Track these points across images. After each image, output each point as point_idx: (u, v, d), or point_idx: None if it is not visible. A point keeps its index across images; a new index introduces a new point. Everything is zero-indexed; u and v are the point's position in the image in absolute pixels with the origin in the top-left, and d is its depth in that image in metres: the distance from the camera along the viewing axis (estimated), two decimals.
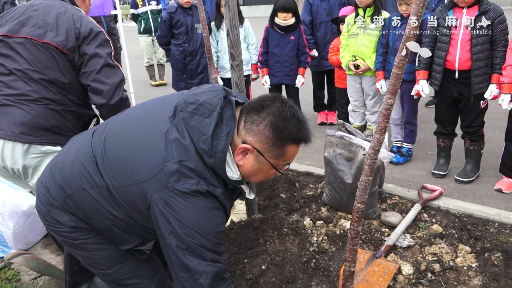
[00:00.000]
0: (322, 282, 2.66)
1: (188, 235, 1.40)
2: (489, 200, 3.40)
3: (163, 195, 1.40)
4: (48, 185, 1.62)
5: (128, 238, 1.66)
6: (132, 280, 1.76)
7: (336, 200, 3.24)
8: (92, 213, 1.57)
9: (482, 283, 2.52)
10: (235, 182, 1.54)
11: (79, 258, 1.75)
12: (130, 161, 1.47)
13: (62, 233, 1.66)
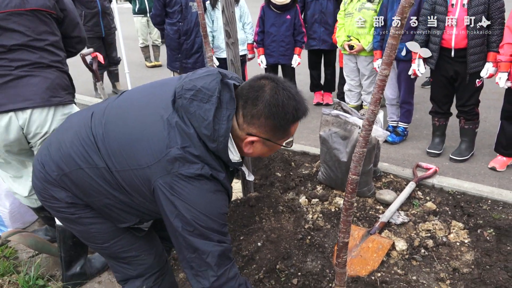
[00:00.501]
0: (317, 258, 2.70)
1: (194, 217, 1.42)
2: (482, 178, 3.43)
3: (168, 180, 1.41)
4: (45, 162, 1.62)
5: (126, 217, 1.67)
6: (130, 253, 1.78)
7: (331, 179, 3.26)
8: (91, 191, 1.58)
9: (474, 258, 2.57)
10: (236, 164, 1.56)
11: (76, 233, 1.76)
12: (132, 145, 1.47)
13: (59, 209, 1.66)
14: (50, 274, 2.83)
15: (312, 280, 2.52)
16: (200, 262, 1.47)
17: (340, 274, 1.30)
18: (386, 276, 2.50)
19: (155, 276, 1.83)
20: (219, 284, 1.48)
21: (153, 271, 1.83)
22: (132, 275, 1.81)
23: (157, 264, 1.85)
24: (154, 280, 1.83)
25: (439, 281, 2.44)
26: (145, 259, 1.81)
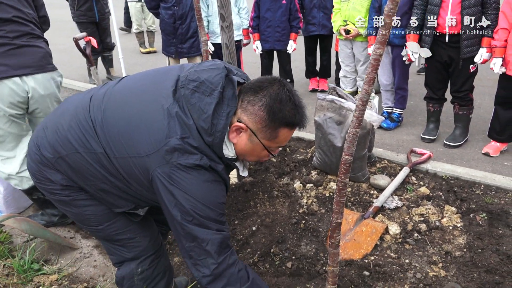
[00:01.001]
0: (311, 242, 2.72)
1: (193, 206, 1.42)
2: (476, 164, 3.46)
3: (166, 169, 1.41)
4: (41, 145, 1.61)
5: (122, 203, 1.67)
6: (124, 235, 1.78)
7: (326, 164, 3.27)
8: (87, 175, 1.57)
9: (466, 242, 2.60)
10: (230, 159, 1.55)
11: (70, 215, 1.75)
12: (131, 133, 1.46)
13: (53, 191, 1.66)
14: (45, 258, 2.83)
15: (306, 263, 2.54)
16: (200, 251, 1.47)
17: (333, 255, 1.30)
18: (379, 259, 2.52)
19: (151, 258, 1.84)
20: (219, 271, 1.49)
21: (148, 254, 1.83)
22: (127, 257, 1.82)
23: (152, 246, 1.85)
24: (149, 263, 1.83)
25: (431, 264, 2.46)
26: (140, 242, 1.81)
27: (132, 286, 1.83)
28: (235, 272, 1.51)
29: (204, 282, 1.50)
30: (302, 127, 1.53)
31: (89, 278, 2.66)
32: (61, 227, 3.21)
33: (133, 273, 1.81)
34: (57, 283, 2.51)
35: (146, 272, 1.82)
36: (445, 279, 2.34)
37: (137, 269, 1.81)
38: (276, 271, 2.54)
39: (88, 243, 3.01)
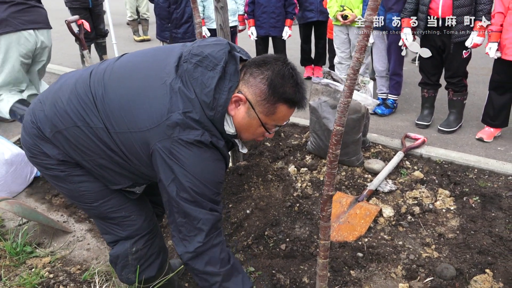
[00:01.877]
0: (305, 225, 2.72)
1: (190, 183, 1.42)
2: (470, 149, 3.46)
3: (167, 144, 1.40)
4: (38, 118, 1.57)
5: (119, 180, 1.65)
6: (119, 213, 1.75)
7: (320, 148, 3.26)
8: (86, 150, 1.54)
9: (459, 224, 2.61)
10: (231, 136, 1.55)
11: (64, 191, 1.72)
12: (133, 107, 1.45)
13: (48, 166, 1.63)
14: (38, 242, 2.82)
15: (300, 245, 2.54)
16: (190, 228, 1.47)
17: (324, 228, 1.30)
18: (373, 241, 2.53)
19: (145, 238, 1.82)
20: (202, 250, 1.49)
21: (143, 233, 1.81)
22: (121, 236, 1.79)
23: (147, 226, 1.83)
24: (144, 242, 1.81)
25: (424, 246, 2.48)
26: (135, 220, 1.78)
27: (126, 265, 1.81)
28: (217, 253, 1.51)
29: (185, 258, 1.50)
30: (301, 107, 1.52)
31: (82, 260, 2.65)
32: (54, 211, 3.19)
33: (127, 252, 1.79)
34: (50, 266, 2.49)
35: (140, 251, 1.80)
36: (438, 260, 2.35)
37: (131, 248, 1.79)
38: (270, 253, 2.54)
39: (81, 227, 3.00)
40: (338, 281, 2.27)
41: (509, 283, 2.14)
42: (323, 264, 1.36)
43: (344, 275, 2.31)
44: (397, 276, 2.29)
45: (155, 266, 1.85)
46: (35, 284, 2.10)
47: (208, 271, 1.50)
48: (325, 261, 1.36)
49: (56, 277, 2.27)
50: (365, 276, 2.30)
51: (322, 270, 1.37)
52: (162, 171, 1.43)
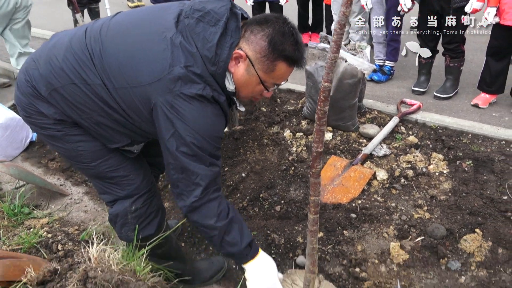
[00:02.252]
0: (300, 188, 2.76)
1: (191, 137, 1.43)
2: (465, 115, 3.48)
3: (169, 98, 1.40)
4: (32, 76, 1.55)
5: (118, 138, 1.65)
6: (118, 173, 1.76)
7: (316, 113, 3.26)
8: (84, 108, 1.53)
9: (451, 187, 2.65)
10: (230, 93, 1.55)
11: (60, 151, 1.72)
12: (132, 62, 1.44)
13: (44, 125, 1.61)
14: (35, 204, 2.85)
15: (294, 207, 2.58)
16: (187, 183, 1.49)
17: (314, 184, 1.32)
18: (366, 203, 2.57)
19: (144, 197, 1.83)
20: (199, 204, 1.52)
21: (142, 192, 1.83)
22: (120, 195, 1.80)
23: (146, 185, 1.84)
24: (143, 201, 1.83)
25: (416, 208, 2.52)
26: (133, 179, 1.79)
27: (126, 223, 1.83)
28: (215, 208, 1.54)
29: (183, 211, 1.55)
30: (300, 66, 1.53)
31: (80, 222, 2.69)
32: (50, 175, 3.21)
33: (126, 211, 1.81)
34: (48, 226, 2.53)
35: (139, 210, 1.82)
36: (429, 221, 2.40)
37: (131, 207, 1.81)
38: (265, 214, 2.58)
39: (78, 190, 3.03)
40: (331, 241, 2.32)
41: (498, 241, 2.20)
42: (314, 219, 1.39)
43: (338, 235, 2.36)
44: (389, 235, 2.34)
45: (154, 225, 1.88)
46: (34, 243, 2.13)
47: (206, 224, 1.55)
48: (316, 217, 1.38)
49: (55, 236, 2.30)
50: (358, 235, 2.35)
51: (313, 225, 1.40)
52: (163, 126, 1.44)
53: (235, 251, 1.59)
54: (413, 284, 2.07)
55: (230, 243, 1.58)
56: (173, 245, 2.06)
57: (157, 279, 1.75)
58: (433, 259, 2.19)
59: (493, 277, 2.05)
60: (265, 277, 1.63)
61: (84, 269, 1.58)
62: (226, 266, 2.25)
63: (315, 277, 1.52)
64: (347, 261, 2.20)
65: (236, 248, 1.59)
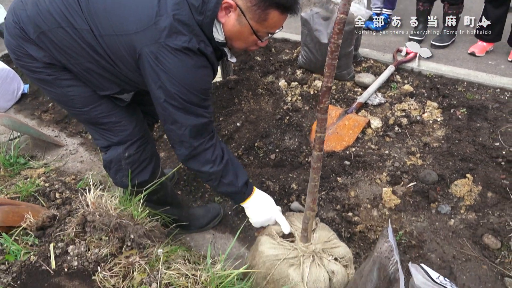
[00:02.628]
0: (295, 136, 2.77)
1: (177, 90, 1.42)
2: (461, 63, 3.45)
3: (154, 49, 1.37)
4: (19, 18, 1.49)
5: (107, 85, 1.63)
6: (110, 119, 1.75)
7: (311, 62, 3.22)
8: (72, 53, 1.50)
9: (445, 134, 2.67)
10: (220, 44, 1.51)
11: (52, 96, 1.70)
12: (119, 9, 1.39)
13: (34, 69, 1.58)
14: (31, 155, 2.86)
15: (289, 155, 2.61)
16: (179, 133, 1.52)
17: (321, 120, 1.32)
18: (360, 150, 2.60)
19: (137, 144, 1.84)
20: (195, 153, 1.57)
21: (135, 139, 1.83)
22: (113, 141, 1.81)
23: (139, 131, 1.84)
24: (136, 147, 1.83)
25: (410, 155, 2.55)
26: (126, 126, 1.79)
27: (120, 169, 1.85)
28: (209, 156, 1.59)
29: (180, 159, 1.61)
30: (293, 12, 1.48)
31: (76, 172, 2.71)
32: (44, 126, 3.20)
33: (120, 157, 1.82)
34: (45, 176, 2.55)
35: (133, 156, 1.83)
36: (422, 167, 2.44)
37: (124, 153, 1.82)
38: (260, 162, 2.61)
39: (73, 141, 3.03)
40: (325, 187, 2.37)
41: (487, 186, 2.25)
42: (318, 156, 1.39)
43: (331, 181, 2.40)
44: (381, 181, 2.38)
45: (148, 171, 1.90)
46: (32, 191, 2.15)
47: (203, 171, 1.62)
48: (320, 153, 1.39)
49: (52, 185, 2.32)
50: (351, 182, 2.40)
51: (316, 162, 1.41)
52: (149, 77, 1.43)
53: (233, 191, 1.68)
54: (403, 227, 2.13)
55: (228, 184, 1.65)
56: (168, 192, 2.09)
57: (155, 224, 1.79)
58: (424, 203, 2.25)
59: (481, 219, 2.12)
60: (265, 210, 1.73)
61: (83, 214, 1.61)
62: (222, 212, 2.30)
63: (314, 214, 1.56)
64: (340, 206, 2.25)
65: (234, 188, 1.66)
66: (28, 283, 1.40)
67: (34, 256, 1.51)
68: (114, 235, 1.55)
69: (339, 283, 1.57)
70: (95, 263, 1.47)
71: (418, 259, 1.99)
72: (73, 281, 1.40)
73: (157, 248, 1.59)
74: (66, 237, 1.57)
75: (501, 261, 1.93)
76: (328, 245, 1.66)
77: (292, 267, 1.55)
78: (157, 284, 1.41)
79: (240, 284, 1.53)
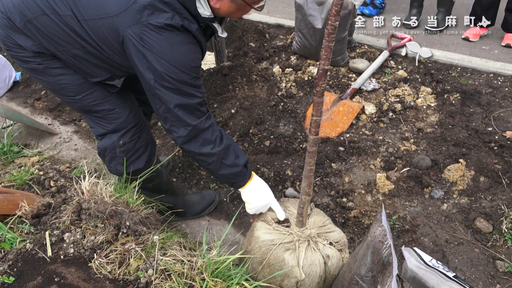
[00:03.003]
0: (289, 123, 2.77)
1: (166, 69, 1.40)
2: (455, 48, 3.45)
3: (137, 30, 1.35)
4: (6, 8, 1.48)
5: (96, 72, 1.62)
6: (103, 106, 1.74)
7: (305, 47, 3.21)
8: (58, 40, 1.49)
9: (438, 119, 2.68)
10: (207, 19, 1.49)
11: (45, 85, 1.69)
12: None
13: (25, 58, 1.58)
14: (24, 143, 2.84)
15: (284, 142, 2.61)
16: (173, 114, 1.49)
17: (317, 104, 1.31)
18: (354, 136, 2.61)
19: (132, 131, 1.83)
20: (194, 133, 1.53)
21: (129, 126, 1.82)
22: (108, 129, 1.80)
23: (133, 119, 1.83)
24: (130, 135, 1.83)
25: (403, 140, 2.57)
26: (119, 113, 1.78)
27: (114, 157, 1.84)
28: (209, 136, 1.56)
29: (179, 142, 1.56)
30: None
31: (71, 160, 2.71)
32: (37, 114, 3.18)
33: (114, 145, 1.81)
34: (39, 164, 2.54)
35: (128, 144, 1.83)
36: (415, 152, 2.46)
37: (118, 141, 1.81)
38: (255, 149, 2.61)
39: (67, 129, 3.01)
40: (319, 173, 2.38)
41: (480, 171, 2.27)
42: (313, 140, 1.40)
43: (326, 167, 2.41)
44: (375, 167, 2.40)
45: (143, 159, 1.89)
46: (26, 180, 2.15)
47: (204, 153, 1.57)
48: (316, 137, 1.39)
49: (46, 174, 2.32)
50: (346, 168, 2.41)
51: (312, 146, 1.42)
52: (136, 60, 1.41)
53: (235, 172, 1.64)
54: (397, 212, 2.15)
55: (230, 165, 1.62)
56: (163, 179, 2.09)
57: (150, 211, 1.80)
58: (418, 188, 2.27)
59: (474, 203, 2.14)
60: (264, 194, 1.72)
61: (78, 201, 1.61)
62: (218, 199, 2.31)
63: (309, 199, 1.57)
64: (334, 192, 2.27)
65: (236, 169, 1.63)
66: (24, 270, 1.40)
67: (30, 244, 1.51)
68: (110, 222, 1.55)
69: (334, 267, 1.59)
70: (91, 250, 1.48)
71: (411, 243, 2.01)
72: (69, 268, 1.40)
73: (153, 235, 1.60)
74: (61, 225, 1.57)
75: (493, 245, 1.96)
76: (323, 230, 1.68)
77: (288, 251, 1.57)
78: (153, 270, 1.42)
79: (236, 270, 1.55)
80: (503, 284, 1.81)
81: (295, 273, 1.53)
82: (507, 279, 1.83)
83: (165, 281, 1.38)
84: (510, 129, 2.50)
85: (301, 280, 1.53)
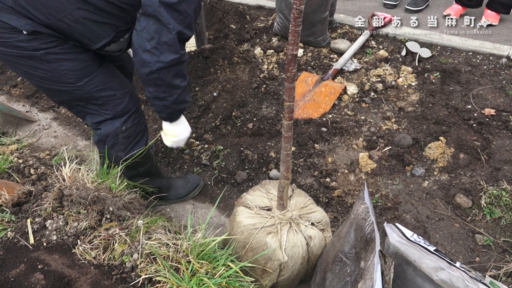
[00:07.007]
0: (272, 105, 2.77)
1: None
2: (435, 26, 3.46)
3: None
4: None
5: (101, 32, 1.55)
6: (106, 92, 1.71)
7: (287, 29, 3.19)
8: (55, 7, 1.41)
9: (419, 98, 2.71)
10: None
11: (43, 74, 1.59)
12: None
13: (19, 44, 1.48)
14: (1, 131, 2.78)
15: (267, 124, 2.61)
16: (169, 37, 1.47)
17: (289, 89, 1.31)
18: (336, 117, 2.62)
19: (133, 116, 1.81)
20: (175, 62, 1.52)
21: (131, 111, 1.79)
22: (107, 117, 1.76)
23: (133, 103, 1.81)
24: (132, 120, 1.80)
25: (385, 120, 2.59)
26: (121, 98, 1.74)
27: (116, 143, 1.81)
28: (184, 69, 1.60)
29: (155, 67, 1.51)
30: None
31: (50, 147, 2.66)
32: (14, 102, 3.10)
33: (117, 131, 1.78)
34: (18, 152, 2.48)
35: (129, 130, 1.81)
36: (397, 131, 2.49)
37: (121, 127, 1.78)
38: (238, 132, 2.61)
39: (46, 116, 2.95)
40: (303, 154, 2.39)
41: (460, 148, 2.31)
42: (288, 125, 1.40)
43: (309, 148, 2.42)
44: (358, 147, 2.42)
45: (142, 143, 1.88)
46: (5, 168, 2.10)
47: (173, 84, 1.59)
48: (290, 123, 1.40)
49: (26, 161, 2.27)
50: (329, 148, 2.43)
51: (287, 131, 1.42)
52: None
53: (184, 107, 1.73)
54: (379, 190, 2.19)
55: (183, 101, 1.69)
56: (154, 162, 2.08)
57: (134, 196, 1.79)
58: (399, 166, 2.30)
59: (454, 180, 2.19)
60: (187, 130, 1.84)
61: (59, 188, 1.59)
62: (202, 184, 2.31)
63: (288, 183, 1.57)
64: (318, 172, 2.29)
65: (185, 105, 1.72)
66: (6, 258, 1.38)
67: (11, 232, 1.49)
68: (93, 208, 1.54)
69: (316, 247, 1.61)
70: (75, 236, 1.47)
71: (394, 220, 2.05)
72: (53, 255, 1.39)
73: (137, 220, 1.59)
74: (43, 212, 1.55)
75: (472, 219, 2.01)
76: (304, 211, 1.70)
77: (270, 235, 1.58)
78: (138, 254, 1.42)
79: (221, 252, 1.56)
80: (482, 257, 1.87)
81: (278, 255, 1.54)
82: (486, 252, 1.88)
83: (150, 264, 1.38)
84: (489, 106, 2.54)
85: (284, 262, 1.55)
